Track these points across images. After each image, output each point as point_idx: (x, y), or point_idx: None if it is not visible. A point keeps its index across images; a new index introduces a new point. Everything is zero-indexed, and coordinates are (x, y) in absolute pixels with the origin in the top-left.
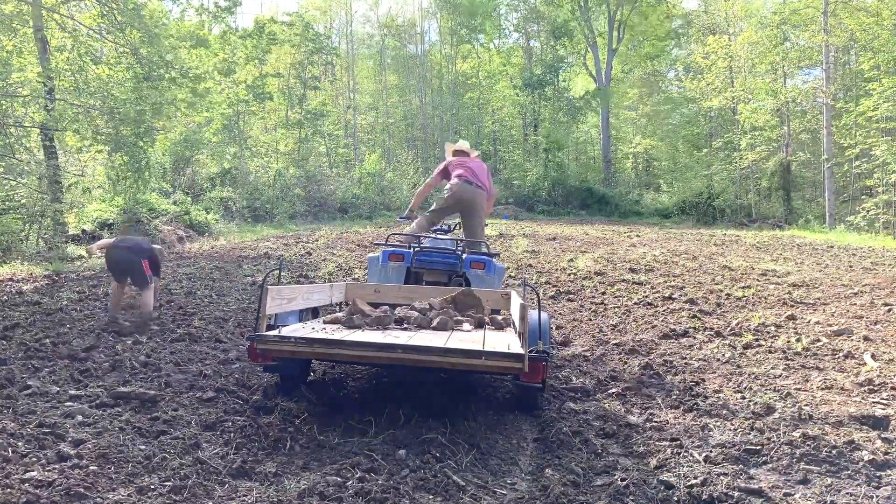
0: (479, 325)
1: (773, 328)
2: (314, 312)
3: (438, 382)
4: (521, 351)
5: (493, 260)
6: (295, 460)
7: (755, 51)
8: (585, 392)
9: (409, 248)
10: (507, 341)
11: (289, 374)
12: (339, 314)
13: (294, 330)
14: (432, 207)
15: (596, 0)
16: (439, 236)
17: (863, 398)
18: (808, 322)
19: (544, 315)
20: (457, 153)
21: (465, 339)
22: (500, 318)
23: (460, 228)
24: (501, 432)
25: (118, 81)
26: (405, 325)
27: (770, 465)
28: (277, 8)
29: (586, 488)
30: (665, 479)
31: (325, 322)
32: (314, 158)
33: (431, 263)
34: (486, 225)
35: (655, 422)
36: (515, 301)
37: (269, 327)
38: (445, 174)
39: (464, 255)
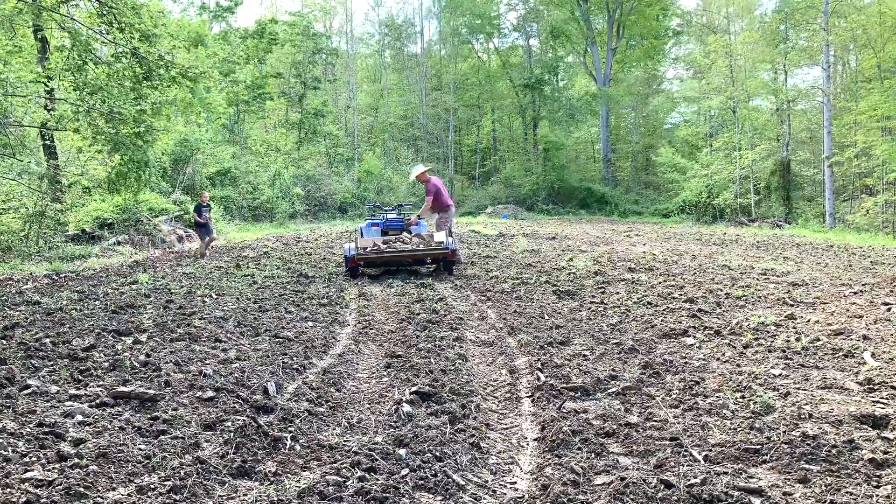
0: (428, 244)
1: (772, 327)
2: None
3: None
4: (447, 247)
5: (421, 222)
6: (295, 460)
7: (755, 49)
8: (585, 391)
9: (382, 220)
10: (441, 245)
11: (354, 272)
12: (369, 246)
13: (363, 249)
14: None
15: None
16: (391, 214)
17: (862, 397)
18: (808, 321)
19: (450, 238)
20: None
21: (428, 247)
22: (433, 241)
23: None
24: (501, 432)
25: (118, 81)
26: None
27: (770, 465)
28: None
29: (586, 488)
30: (665, 478)
31: (365, 250)
32: (314, 158)
33: (391, 226)
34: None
35: (655, 421)
36: (439, 234)
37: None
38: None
39: (407, 222)
